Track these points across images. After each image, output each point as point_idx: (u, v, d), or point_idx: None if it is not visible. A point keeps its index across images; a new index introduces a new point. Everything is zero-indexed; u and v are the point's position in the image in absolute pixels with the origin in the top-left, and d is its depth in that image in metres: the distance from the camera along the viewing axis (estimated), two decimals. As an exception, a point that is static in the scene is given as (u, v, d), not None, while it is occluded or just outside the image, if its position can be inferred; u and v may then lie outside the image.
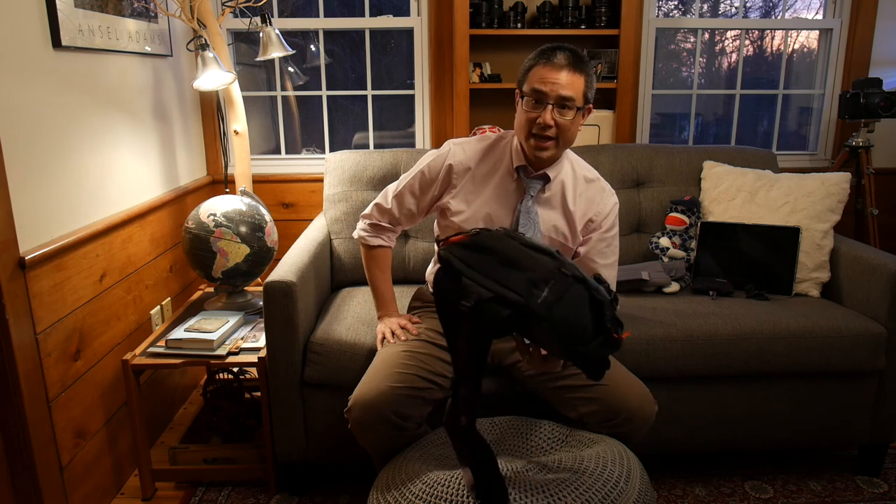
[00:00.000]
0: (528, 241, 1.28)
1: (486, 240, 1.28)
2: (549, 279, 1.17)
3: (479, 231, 1.32)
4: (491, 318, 1.18)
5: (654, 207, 2.40)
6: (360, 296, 2.15)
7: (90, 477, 1.83)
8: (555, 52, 1.55)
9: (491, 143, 1.73)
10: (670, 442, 1.94)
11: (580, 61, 1.56)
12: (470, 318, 1.18)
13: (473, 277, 1.21)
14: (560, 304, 1.15)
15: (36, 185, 1.62)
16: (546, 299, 1.15)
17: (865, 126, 2.72)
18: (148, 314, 2.21)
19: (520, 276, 1.19)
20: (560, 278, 1.18)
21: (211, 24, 2.31)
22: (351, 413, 1.52)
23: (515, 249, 1.25)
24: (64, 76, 1.75)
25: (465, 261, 1.25)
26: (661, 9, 3.17)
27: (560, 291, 1.16)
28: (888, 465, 2.09)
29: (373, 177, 2.34)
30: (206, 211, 2.09)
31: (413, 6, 2.84)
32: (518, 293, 1.16)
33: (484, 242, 1.28)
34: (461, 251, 1.28)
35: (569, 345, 1.16)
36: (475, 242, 1.28)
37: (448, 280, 1.27)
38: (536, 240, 1.31)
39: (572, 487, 1.26)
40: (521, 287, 1.17)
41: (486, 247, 1.26)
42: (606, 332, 1.16)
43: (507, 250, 1.24)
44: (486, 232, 1.31)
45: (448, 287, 1.26)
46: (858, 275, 2.03)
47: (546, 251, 1.25)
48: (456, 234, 1.34)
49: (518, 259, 1.22)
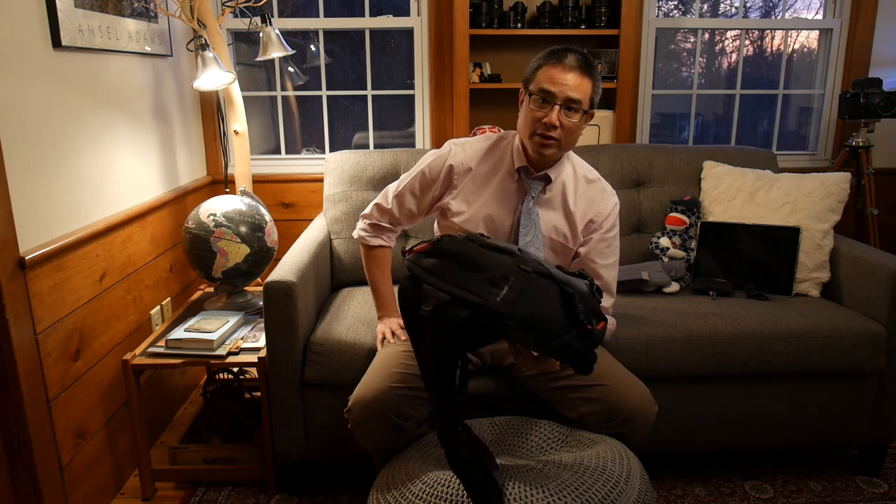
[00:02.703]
0: (489, 242, 1.31)
1: (446, 245, 1.32)
2: (508, 276, 1.20)
3: (440, 238, 1.36)
4: (449, 320, 1.20)
5: (654, 207, 2.40)
6: (360, 296, 2.15)
7: (90, 477, 1.83)
8: (565, 54, 1.55)
9: (492, 143, 1.73)
10: (670, 442, 1.94)
11: (589, 65, 1.56)
12: (430, 323, 1.21)
13: (432, 283, 1.25)
14: (522, 300, 1.17)
15: (36, 185, 1.62)
16: (505, 297, 1.17)
17: (865, 126, 2.72)
18: (148, 314, 2.21)
19: (478, 277, 1.21)
20: (519, 275, 1.20)
21: (211, 24, 2.31)
22: (351, 413, 1.52)
23: (474, 251, 1.28)
24: (64, 76, 1.75)
25: (427, 268, 1.28)
26: (661, 9, 3.17)
27: (521, 288, 1.18)
28: (888, 465, 2.09)
29: (373, 177, 2.34)
30: (206, 211, 2.09)
31: (413, 6, 2.84)
32: (476, 293, 1.18)
33: (445, 248, 1.31)
34: (424, 259, 1.31)
35: (540, 340, 1.17)
36: (437, 249, 1.32)
37: (410, 287, 1.30)
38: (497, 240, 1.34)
39: (572, 487, 1.26)
40: (480, 288, 1.19)
41: (447, 251, 1.30)
42: (580, 325, 1.17)
43: (466, 253, 1.28)
44: (446, 238, 1.35)
45: (410, 294, 1.30)
46: (858, 275, 2.03)
47: (506, 250, 1.28)
48: (420, 242, 1.38)
49: (477, 260, 1.25)
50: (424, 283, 1.26)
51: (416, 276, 1.29)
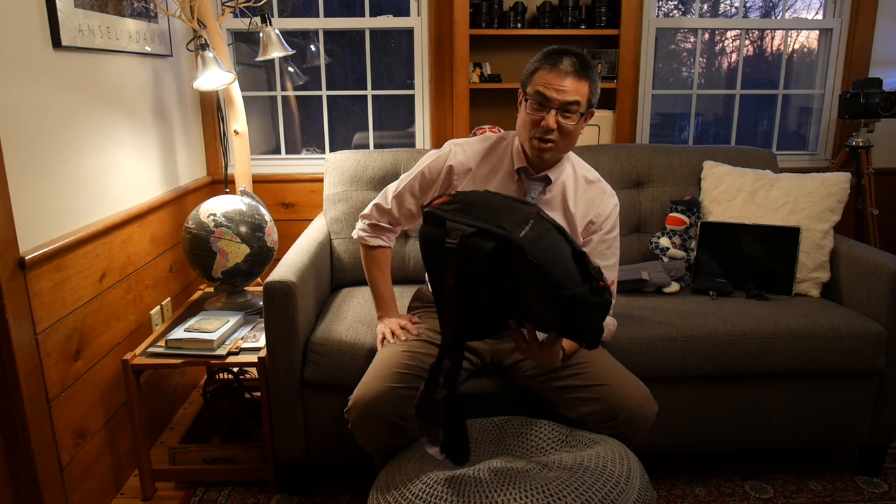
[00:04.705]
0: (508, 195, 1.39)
1: (467, 195, 1.38)
2: (528, 219, 1.25)
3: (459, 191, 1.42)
4: (476, 252, 1.23)
5: (654, 207, 2.40)
6: (360, 296, 2.15)
7: (90, 477, 1.83)
8: (561, 58, 1.54)
9: (492, 143, 1.73)
10: (670, 442, 1.94)
11: (586, 67, 1.54)
12: (456, 254, 1.24)
13: (457, 219, 1.28)
14: (542, 241, 1.22)
15: (36, 185, 1.62)
16: (528, 235, 1.21)
17: (865, 126, 2.72)
18: (148, 314, 2.21)
19: (502, 217, 1.26)
20: (539, 220, 1.26)
21: (211, 24, 2.31)
22: (351, 413, 1.52)
23: (495, 198, 1.35)
24: (64, 76, 1.75)
25: (448, 210, 1.32)
26: (661, 9, 3.17)
27: (541, 231, 1.23)
28: (888, 465, 2.09)
29: (373, 177, 2.34)
30: (206, 211, 2.09)
31: (413, 6, 2.84)
32: (501, 227, 1.23)
33: (466, 197, 1.37)
34: (446, 206, 1.35)
35: (555, 290, 1.19)
36: (458, 198, 1.37)
37: (432, 227, 1.33)
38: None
39: (572, 487, 1.26)
40: (505, 223, 1.24)
41: (469, 200, 1.35)
42: (592, 280, 1.21)
43: (488, 200, 1.34)
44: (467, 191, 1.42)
45: (432, 233, 1.32)
46: (858, 275, 2.03)
47: (525, 202, 1.35)
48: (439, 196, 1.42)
49: (500, 206, 1.30)
50: (448, 221, 1.28)
51: (438, 216, 1.31)
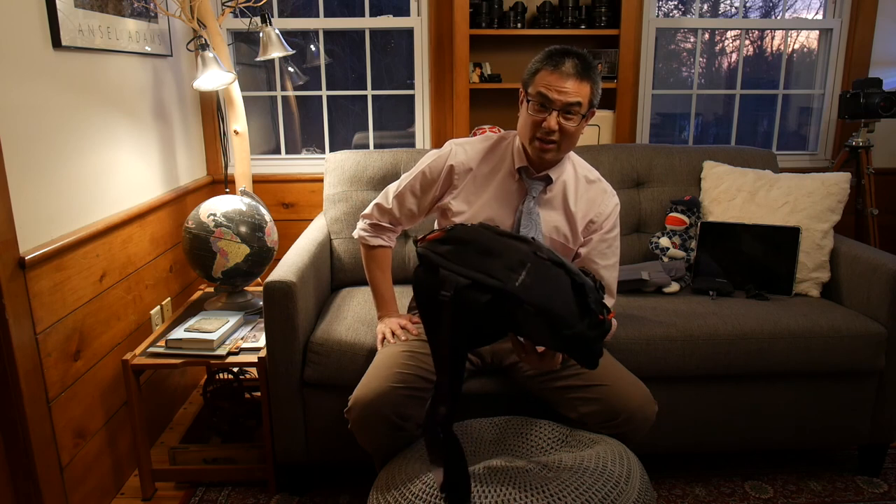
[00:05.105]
0: (503, 230, 1.32)
1: (461, 233, 1.32)
2: (525, 262, 1.21)
3: (454, 226, 1.35)
4: (471, 305, 1.20)
5: (654, 207, 2.40)
6: (360, 296, 2.15)
7: (90, 477, 1.83)
8: (563, 59, 1.53)
9: (492, 143, 1.73)
10: (670, 442, 1.94)
11: (588, 68, 1.54)
12: (450, 307, 1.21)
13: (450, 268, 1.24)
14: (539, 285, 1.18)
15: (36, 185, 1.62)
16: (524, 282, 1.18)
17: (865, 126, 2.72)
18: (148, 314, 2.21)
19: (497, 263, 1.22)
20: (536, 261, 1.21)
21: (211, 24, 2.31)
22: (351, 413, 1.52)
23: (490, 238, 1.29)
24: (64, 76, 1.75)
25: (443, 254, 1.28)
26: (661, 9, 3.17)
27: (537, 274, 1.19)
28: (888, 465, 2.09)
29: (373, 177, 2.34)
30: (206, 211, 2.09)
31: (413, 6, 2.84)
32: (496, 277, 1.19)
33: (459, 235, 1.31)
34: (439, 246, 1.31)
35: (555, 329, 1.17)
36: (452, 236, 1.32)
37: (426, 274, 1.29)
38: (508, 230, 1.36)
39: (572, 487, 1.26)
40: (499, 272, 1.20)
41: (462, 239, 1.30)
42: (592, 315, 1.17)
43: (482, 240, 1.28)
44: (460, 226, 1.35)
45: (427, 281, 1.29)
46: (858, 275, 2.03)
47: (521, 238, 1.29)
48: (432, 231, 1.37)
49: (494, 247, 1.26)
50: (442, 269, 1.25)
51: (432, 262, 1.27)
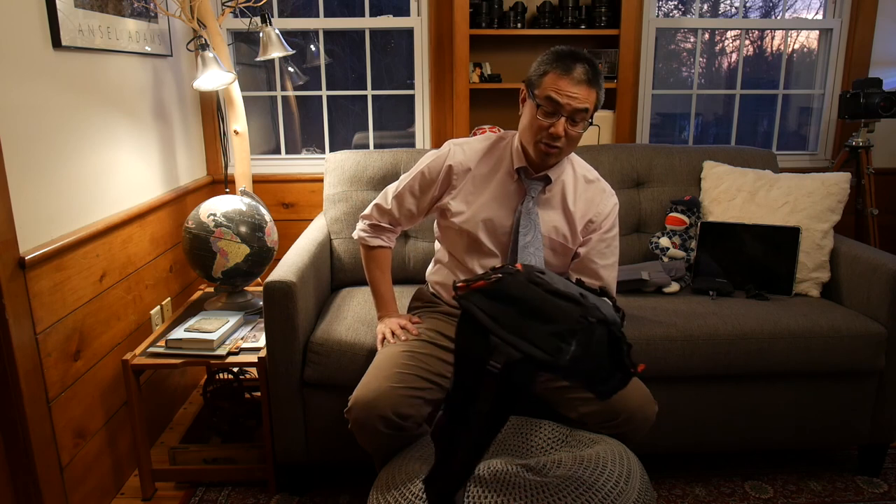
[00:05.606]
0: (552, 286, 1.21)
1: (508, 287, 1.21)
2: (576, 331, 1.12)
3: (500, 277, 1.24)
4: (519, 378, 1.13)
5: (654, 207, 2.40)
6: (360, 296, 2.15)
7: (90, 477, 1.83)
8: (574, 64, 1.52)
9: (491, 143, 1.73)
10: (670, 442, 1.94)
11: (597, 74, 1.54)
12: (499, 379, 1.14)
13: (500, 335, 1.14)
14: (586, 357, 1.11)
15: (36, 185, 1.62)
16: (574, 354, 1.10)
17: (865, 126, 2.72)
18: (148, 314, 2.21)
19: (546, 330, 1.13)
20: (585, 329, 1.12)
21: (211, 24, 2.31)
22: (351, 413, 1.52)
23: (540, 299, 1.18)
24: (64, 76, 1.75)
25: (489, 312, 1.18)
26: (661, 9, 3.17)
27: (587, 339, 1.11)
28: (888, 465, 2.09)
29: (373, 177, 2.34)
30: (206, 211, 2.09)
31: (413, 6, 2.84)
32: (545, 351, 1.10)
33: (507, 290, 1.20)
34: (483, 301, 1.20)
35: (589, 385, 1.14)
36: (498, 290, 1.21)
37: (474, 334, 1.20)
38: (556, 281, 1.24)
39: (572, 487, 1.26)
40: (548, 343, 1.11)
41: (510, 296, 1.19)
42: (624, 370, 1.14)
43: (531, 300, 1.18)
44: (508, 278, 1.24)
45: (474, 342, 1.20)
46: (858, 275, 2.03)
47: (571, 297, 1.19)
48: (476, 279, 1.25)
49: (542, 309, 1.16)
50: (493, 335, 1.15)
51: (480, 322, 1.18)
